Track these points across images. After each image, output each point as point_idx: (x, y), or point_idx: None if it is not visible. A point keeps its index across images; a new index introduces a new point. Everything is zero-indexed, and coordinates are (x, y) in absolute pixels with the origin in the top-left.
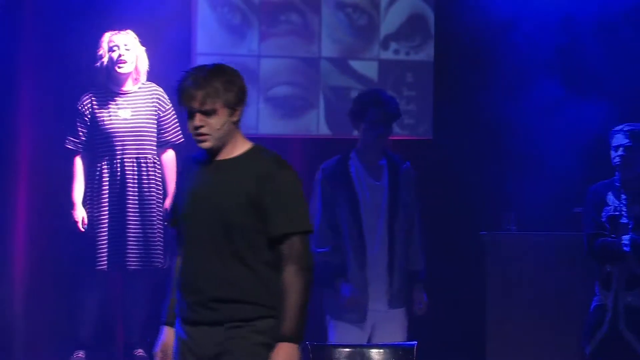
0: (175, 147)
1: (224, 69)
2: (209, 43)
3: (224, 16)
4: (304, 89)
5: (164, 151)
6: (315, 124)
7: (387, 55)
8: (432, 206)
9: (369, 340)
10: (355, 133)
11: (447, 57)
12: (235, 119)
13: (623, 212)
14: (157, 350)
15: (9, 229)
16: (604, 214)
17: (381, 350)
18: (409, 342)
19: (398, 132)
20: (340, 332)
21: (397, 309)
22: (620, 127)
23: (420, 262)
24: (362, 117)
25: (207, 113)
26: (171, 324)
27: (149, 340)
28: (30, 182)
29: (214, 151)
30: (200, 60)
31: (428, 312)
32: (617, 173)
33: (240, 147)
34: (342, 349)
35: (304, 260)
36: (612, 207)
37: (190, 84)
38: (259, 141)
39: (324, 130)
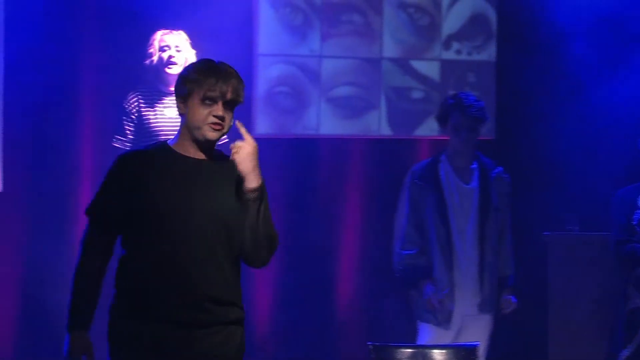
0: (219, 147)
1: None
2: (270, 44)
3: (286, 17)
4: (365, 89)
5: None
6: (377, 124)
7: (449, 55)
8: None
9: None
10: (417, 133)
11: (509, 57)
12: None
13: None
14: (84, 357)
15: (73, 228)
16: (635, 217)
17: (443, 351)
18: (471, 343)
19: None
20: (425, 335)
21: (485, 314)
22: None
23: (510, 266)
24: (446, 122)
25: (230, 107)
26: (87, 328)
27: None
28: (93, 180)
29: (203, 146)
30: (263, 61)
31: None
32: None
33: (216, 150)
34: (404, 350)
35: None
36: None
37: (226, 73)
38: (320, 142)
39: (385, 130)
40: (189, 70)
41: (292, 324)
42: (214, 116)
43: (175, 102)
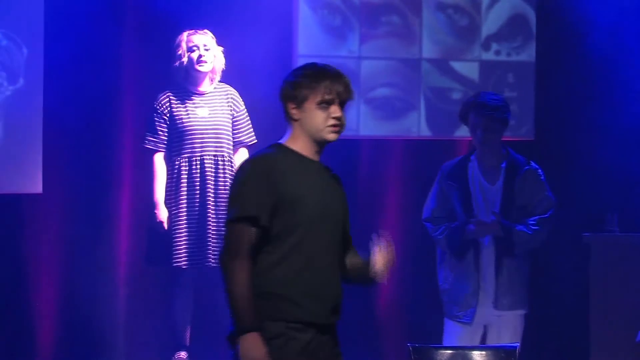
0: (249, 148)
1: None
2: (309, 44)
3: (325, 18)
4: (404, 90)
5: (236, 151)
6: (416, 125)
7: (488, 56)
8: None
9: (483, 341)
10: (457, 134)
11: (548, 58)
12: None
13: None
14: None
15: (112, 230)
16: None
17: (483, 352)
18: (511, 344)
19: None
20: (449, 332)
21: (505, 311)
22: None
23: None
24: (465, 121)
25: (343, 107)
26: (260, 329)
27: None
28: (132, 182)
29: (320, 148)
30: (302, 62)
31: (530, 315)
32: None
33: None
34: (443, 351)
35: None
36: None
37: (336, 74)
38: (359, 143)
39: (424, 131)
40: (298, 76)
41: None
42: (334, 117)
43: (204, 102)
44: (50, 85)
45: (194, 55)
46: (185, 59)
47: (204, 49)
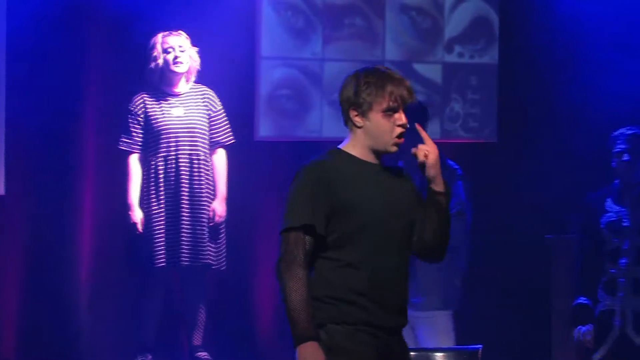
0: (226, 148)
1: None
2: (273, 46)
3: (288, 20)
4: None
5: (214, 151)
6: None
7: (451, 58)
8: (497, 209)
9: (417, 344)
10: None
11: (511, 60)
12: None
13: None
14: None
15: (75, 232)
16: (603, 220)
17: (445, 354)
18: (473, 346)
19: (462, 136)
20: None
21: (423, 311)
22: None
23: None
24: None
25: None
26: (318, 338)
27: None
28: (96, 183)
29: (379, 154)
30: (265, 64)
31: (493, 316)
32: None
33: None
34: None
35: None
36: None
37: (398, 79)
38: (323, 145)
39: None
40: (360, 83)
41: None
42: (399, 126)
43: (179, 102)
44: (12, 88)
45: (170, 57)
46: (160, 61)
47: (180, 50)
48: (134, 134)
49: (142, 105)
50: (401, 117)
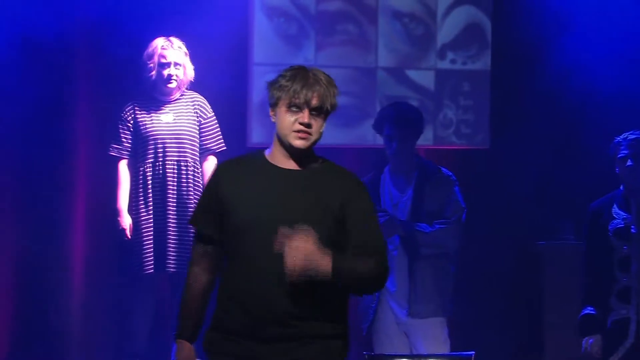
0: (217, 155)
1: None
2: (265, 53)
3: (281, 26)
4: (360, 98)
5: (205, 158)
6: (372, 133)
7: (444, 64)
8: (489, 215)
9: (411, 351)
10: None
11: (504, 66)
12: (323, 129)
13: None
14: None
15: (66, 237)
16: (610, 227)
17: None
18: (466, 352)
19: (455, 142)
20: (374, 343)
21: (419, 319)
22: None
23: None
24: (380, 132)
25: (319, 114)
26: (191, 339)
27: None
28: (87, 190)
29: (292, 154)
30: (257, 70)
31: (486, 322)
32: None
33: (313, 159)
34: (399, 359)
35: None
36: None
37: (313, 80)
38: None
39: (380, 140)
40: (277, 77)
41: None
42: (300, 123)
43: (169, 108)
44: (1, 94)
45: (165, 73)
46: (154, 73)
47: (175, 67)
48: (123, 140)
49: (132, 111)
50: (304, 117)
